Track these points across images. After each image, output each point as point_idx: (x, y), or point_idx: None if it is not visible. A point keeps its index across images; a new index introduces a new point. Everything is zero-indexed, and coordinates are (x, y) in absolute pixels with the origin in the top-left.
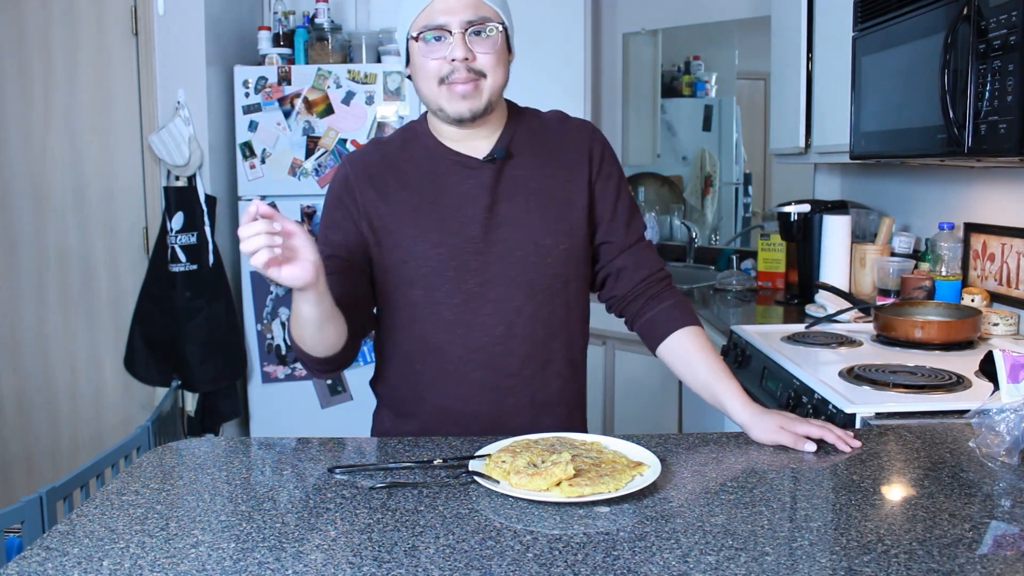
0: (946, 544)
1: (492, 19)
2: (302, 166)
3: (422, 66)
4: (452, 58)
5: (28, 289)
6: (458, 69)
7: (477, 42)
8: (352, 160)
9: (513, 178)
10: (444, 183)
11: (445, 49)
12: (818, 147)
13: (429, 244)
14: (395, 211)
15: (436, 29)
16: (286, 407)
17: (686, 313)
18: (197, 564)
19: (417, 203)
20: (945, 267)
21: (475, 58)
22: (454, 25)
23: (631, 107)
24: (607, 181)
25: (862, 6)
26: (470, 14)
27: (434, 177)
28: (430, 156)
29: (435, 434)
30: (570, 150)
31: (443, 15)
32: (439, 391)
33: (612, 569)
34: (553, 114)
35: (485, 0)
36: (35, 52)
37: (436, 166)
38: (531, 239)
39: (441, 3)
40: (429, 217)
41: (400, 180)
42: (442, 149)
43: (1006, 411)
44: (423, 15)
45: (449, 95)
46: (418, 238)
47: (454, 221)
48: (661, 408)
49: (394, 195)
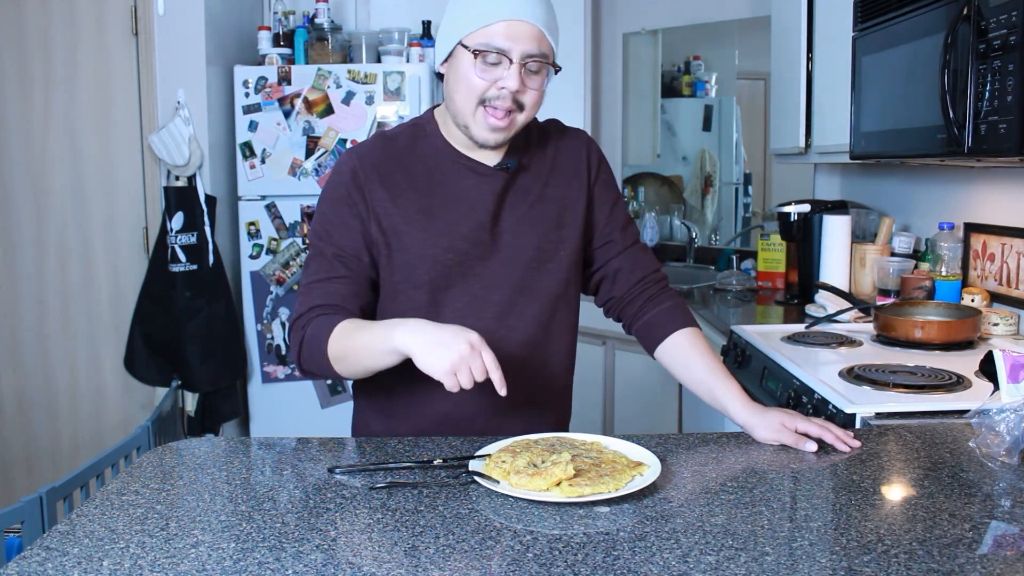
0: (946, 544)
1: (548, 57)
2: (302, 166)
3: (468, 80)
4: (503, 86)
5: (28, 289)
6: (504, 97)
7: (529, 76)
8: (360, 155)
9: (520, 186)
10: (455, 186)
11: (499, 73)
12: (818, 147)
13: (440, 248)
14: (405, 212)
15: (496, 52)
16: (286, 407)
17: (683, 315)
18: (197, 564)
19: (427, 205)
20: (945, 267)
21: (524, 91)
22: (515, 55)
23: (631, 107)
24: (604, 187)
25: (862, 6)
26: (533, 48)
27: (444, 180)
28: (440, 157)
29: (430, 436)
30: (569, 158)
31: (507, 40)
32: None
33: (612, 569)
34: (550, 123)
35: (548, 38)
36: (35, 52)
37: (447, 168)
38: (533, 244)
39: (508, 27)
40: (440, 220)
41: (410, 180)
42: (453, 152)
43: (1006, 411)
44: (484, 31)
45: (483, 120)
46: (428, 241)
47: (464, 225)
48: (661, 408)
49: (404, 195)
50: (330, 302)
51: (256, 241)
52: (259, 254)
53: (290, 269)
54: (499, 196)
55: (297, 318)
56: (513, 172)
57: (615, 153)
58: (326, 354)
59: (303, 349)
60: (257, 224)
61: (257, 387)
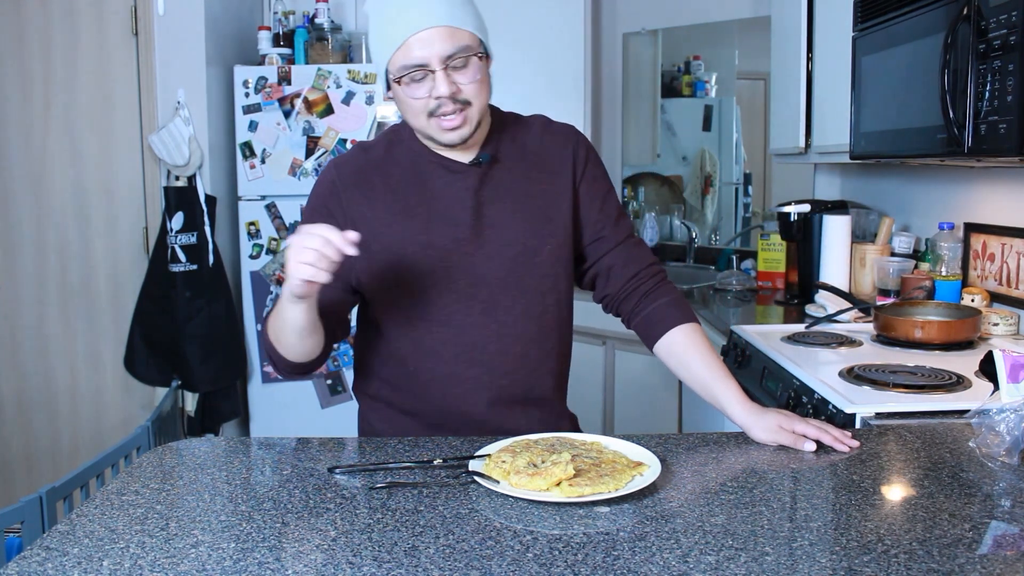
0: (946, 544)
1: (470, 46)
2: (302, 166)
3: (407, 104)
4: (437, 95)
5: (28, 289)
6: (444, 103)
7: (459, 73)
8: (338, 164)
9: (498, 181)
10: (430, 185)
11: (428, 86)
12: (818, 147)
13: (418, 245)
14: (382, 214)
15: (416, 69)
16: (286, 407)
17: (682, 310)
18: (197, 564)
19: (404, 205)
20: (945, 267)
21: (460, 90)
22: (434, 62)
23: (631, 107)
24: (592, 183)
25: (862, 6)
26: (448, 47)
27: (420, 180)
28: (415, 159)
29: (429, 434)
30: (554, 154)
31: (420, 51)
32: (434, 391)
33: (612, 569)
34: (536, 119)
35: (459, 26)
36: (35, 52)
37: (422, 169)
38: (519, 240)
39: (416, 39)
40: (417, 219)
41: (386, 183)
42: (428, 153)
43: (1006, 411)
44: (400, 53)
45: (438, 127)
46: (407, 240)
47: (442, 223)
48: (661, 408)
49: (381, 198)
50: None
51: (256, 241)
52: (259, 254)
53: None
54: (476, 191)
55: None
56: (488, 166)
57: (615, 153)
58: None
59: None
60: (257, 224)
61: (257, 387)
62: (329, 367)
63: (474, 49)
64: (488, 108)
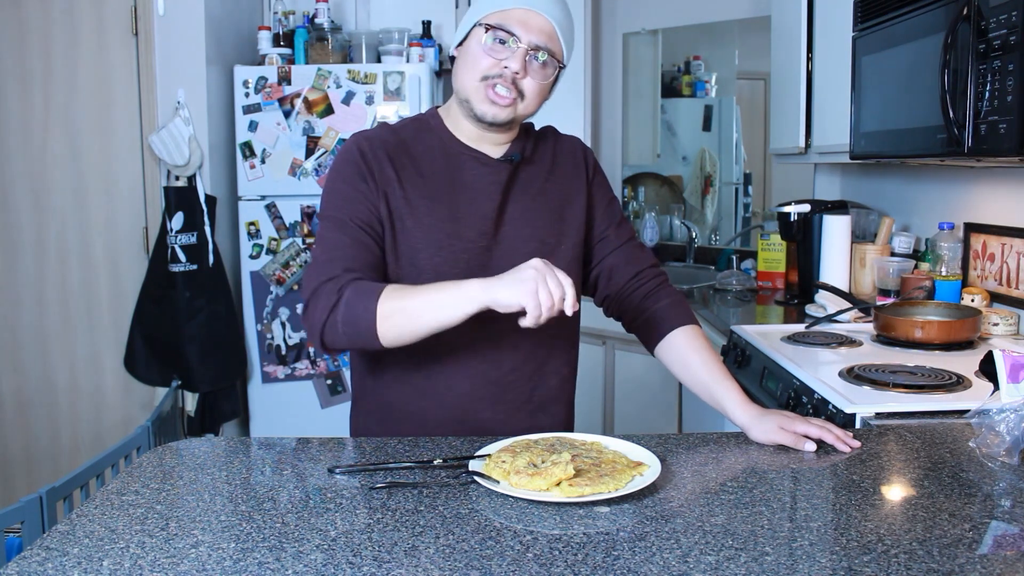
0: (946, 544)
1: (556, 56)
2: (302, 166)
3: (475, 56)
4: (506, 66)
5: (28, 289)
6: (505, 76)
7: (534, 67)
8: (367, 137)
9: (523, 180)
10: (460, 176)
11: (505, 54)
12: (818, 147)
13: (444, 234)
14: (411, 196)
15: (507, 33)
16: (286, 407)
17: (682, 312)
18: (197, 564)
19: (433, 192)
20: (945, 267)
21: (524, 76)
22: (524, 39)
23: (631, 107)
24: (599, 187)
25: (862, 6)
26: (542, 39)
27: (450, 169)
28: (445, 149)
29: (434, 428)
30: (567, 158)
31: (519, 26)
32: (442, 385)
33: (612, 569)
34: (547, 129)
35: (560, 39)
36: (35, 52)
37: (452, 159)
38: (535, 236)
39: (523, 14)
40: (445, 207)
41: (416, 166)
42: (458, 144)
43: (1006, 411)
44: (501, 13)
45: (485, 95)
46: (433, 227)
47: (469, 215)
48: (661, 408)
49: (410, 179)
50: (360, 269)
51: (256, 241)
52: (259, 254)
53: (290, 269)
54: (504, 187)
55: (324, 282)
56: (517, 165)
57: (615, 153)
58: (375, 312)
59: (334, 314)
60: (257, 224)
61: (257, 387)
62: (329, 367)
63: (558, 59)
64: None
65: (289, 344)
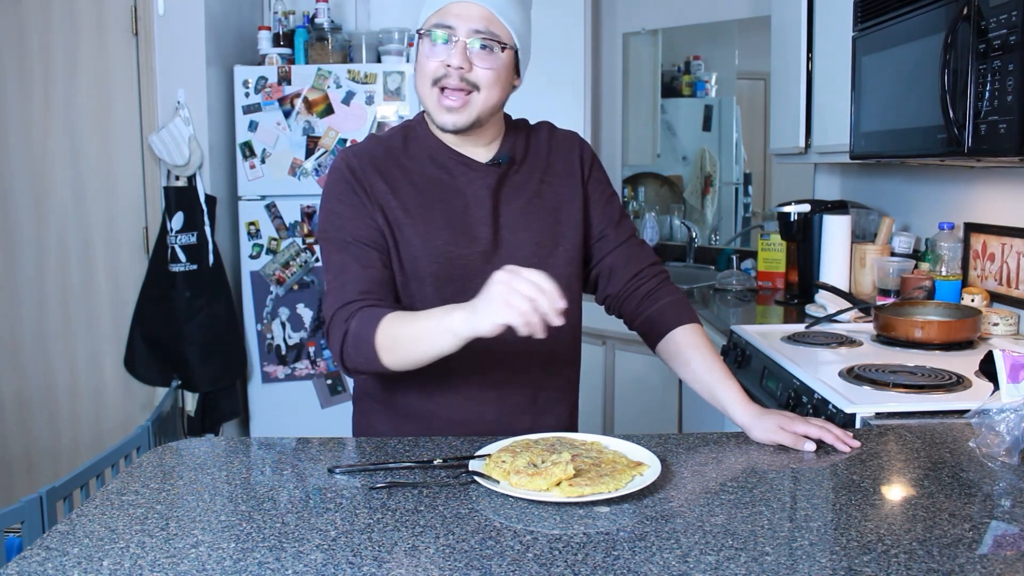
0: (946, 544)
1: (500, 37)
2: (302, 166)
3: (421, 64)
4: (448, 63)
5: (28, 289)
6: (451, 75)
7: (480, 56)
8: (355, 152)
9: (513, 182)
10: (450, 181)
11: (446, 52)
12: (818, 147)
13: (441, 241)
14: (405, 206)
15: (444, 29)
16: (286, 407)
17: (683, 310)
18: (197, 564)
19: (426, 200)
20: (945, 267)
21: (471, 69)
22: (460, 31)
23: (631, 107)
24: (597, 184)
25: (862, 6)
26: (480, 25)
27: (440, 176)
28: (434, 155)
29: (438, 432)
30: (562, 157)
31: (454, 18)
32: (444, 389)
33: (612, 569)
34: (542, 125)
35: (501, 19)
36: (35, 52)
37: (442, 165)
38: (532, 240)
39: (456, 7)
40: (439, 213)
41: (406, 175)
42: (445, 148)
43: (1006, 411)
44: (436, 14)
45: (439, 102)
46: (430, 235)
47: (463, 222)
48: (661, 408)
49: (403, 189)
50: (370, 290)
51: (256, 241)
52: (259, 254)
53: (290, 269)
54: (494, 191)
55: (337, 310)
56: (507, 167)
57: (615, 153)
58: (374, 345)
59: (347, 343)
60: (257, 224)
61: (257, 387)
62: (329, 367)
63: (504, 41)
64: (499, 111)
65: (289, 344)
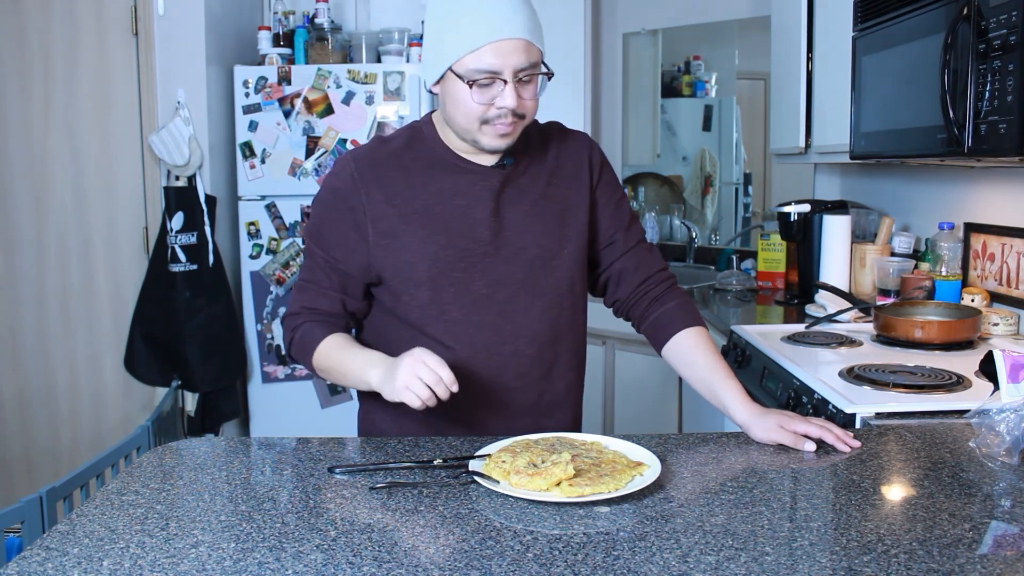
0: (946, 544)
1: (538, 63)
2: (302, 166)
3: (465, 106)
4: (502, 105)
5: (28, 289)
6: (504, 115)
7: (524, 88)
8: (357, 157)
9: (518, 184)
10: (452, 185)
11: (494, 92)
12: (818, 147)
13: (438, 245)
14: (403, 211)
15: (488, 75)
16: (286, 407)
17: (689, 314)
18: (197, 564)
19: (425, 204)
20: (945, 267)
21: (523, 105)
22: (507, 73)
23: (631, 107)
24: (606, 188)
25: (862, 6)
26: (523, 61)
27: (442, 178)
28: (436, 159)
29: (440, 432)
30: (571, 159)
31: (497, 60)
32: None
33: (612, 569)
34: (552, 125)
35: (534, 42)
36: (35, 52)
37: (443, 168)
38: (536, 242)
39: (495, 48)
40: (438, 217)
41: (406, 179)
42: (449, 154)
43: (1006, 411)
44: (472, 56)
45: (492, 133)
46: (427, 239)
47: (462, 223)
48: (661, 408)
49: (401, 195)
50: (320, 307)
51: (256, 241)
52: (259, 254)
53: (290, 269)
54: (497, 193)
55: (289, 315)
56: (511, 170)
57: (615, 153)
58: (311, 363)
59: (293, 347)
60: (257, 224)
61: (257, 387)
62: None
63: (540, 66)
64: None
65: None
